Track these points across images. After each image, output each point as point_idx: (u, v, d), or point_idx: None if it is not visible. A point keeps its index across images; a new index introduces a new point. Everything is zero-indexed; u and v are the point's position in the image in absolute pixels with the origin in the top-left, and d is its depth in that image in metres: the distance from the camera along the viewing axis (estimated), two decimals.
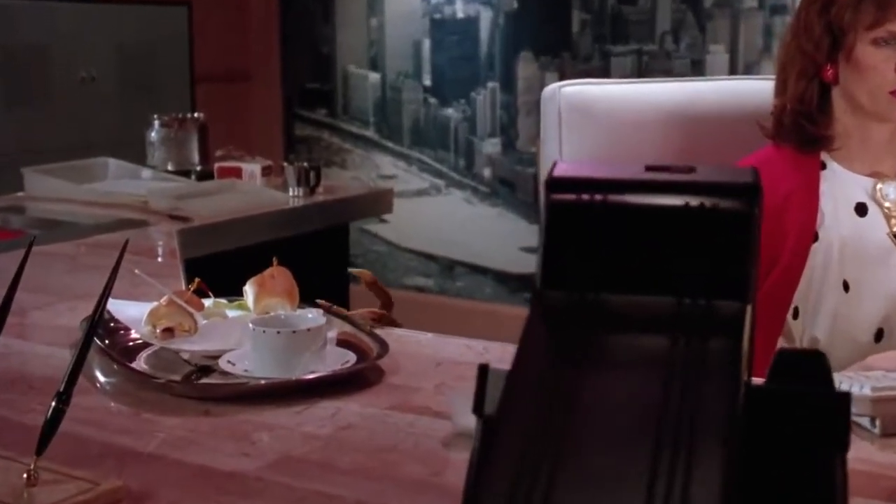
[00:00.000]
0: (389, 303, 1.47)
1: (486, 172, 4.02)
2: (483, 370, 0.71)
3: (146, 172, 2.78)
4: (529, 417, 0.62)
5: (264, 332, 1.21)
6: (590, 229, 0.69)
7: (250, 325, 1.22)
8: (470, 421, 1.07)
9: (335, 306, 1.43)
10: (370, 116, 4.25)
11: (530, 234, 3.88)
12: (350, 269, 1.42)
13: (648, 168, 0.80)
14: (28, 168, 2.66)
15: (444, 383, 1.23)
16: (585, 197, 0.71)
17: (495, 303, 3.99)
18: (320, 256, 2.57)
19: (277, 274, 1.42)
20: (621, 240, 0.69)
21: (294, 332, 1.21)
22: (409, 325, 1.49)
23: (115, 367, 1.25)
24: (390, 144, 4.22)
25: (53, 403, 0.95)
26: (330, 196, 2.66)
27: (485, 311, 3.93)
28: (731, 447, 0.59)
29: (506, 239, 3.97)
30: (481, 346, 1.38)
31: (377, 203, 2.88)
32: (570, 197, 0.71)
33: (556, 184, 0.76)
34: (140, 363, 1.27)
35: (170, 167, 2.86)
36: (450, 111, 4.10)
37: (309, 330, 1.22)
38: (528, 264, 3.90)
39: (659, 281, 0.67)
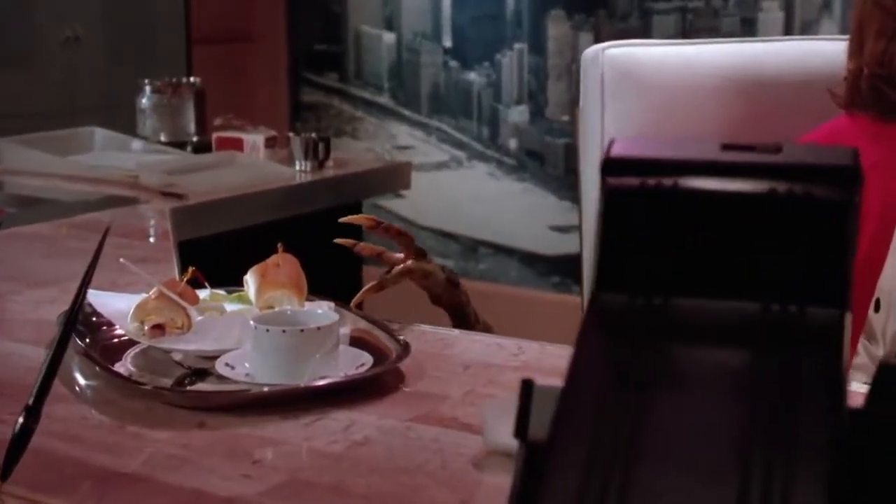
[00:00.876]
0: (411, 244, 1.42)
1: (513, 143, 4.01)
2: (527, 387, 0.66)
3: (136, 144, 2.77)
4: (588, 445, 0.57)
5: (268, 330, 1.17)
6: (656, 220, 0.64)
7: (252, 322, 1.18)
8: (505, 437, 1.02)
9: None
10: (385, 81, 4.23)
11: (561, 211, 3.88)
12: (338, 241, 1.41)
13: (725, 147, 0.74)
14: (3, 138, 2.64)
15: (473, 390, 1.19)
16: (651, 182, 0.66)
17: (522, 287, 4.01)
18: (330, 238, 2.50)
19: (283, 262, 1.37)
20: (694, 233, 0.64)
21: (302, 330, 1.17)
22: (427, 311, 1.47)
23: (97, 369, 1.21)
24: (407, 112, 4.21)
25: (21, 420, 0.89)
26: (341, 170, 2.65)
27: (510, 296, 3.93)
28: (834, 483, 0.54)
29: (534, 217, 3.97)
30: (515, 345, 1.34)
31: (394, 178, 2.87)
32: (632, 182, 0.66)
33: (614, 165, 0.71)
34: (126, 364, 1.24)
35: (162, 138, 2.85)
36: (472, 75, 4.07)
37: (319, 328, 1.17)
38: (558, 245, 3.89)
39: (740, 283, 0.63)
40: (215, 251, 2.07)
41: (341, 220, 1.41)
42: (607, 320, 0.65)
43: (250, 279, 1.37)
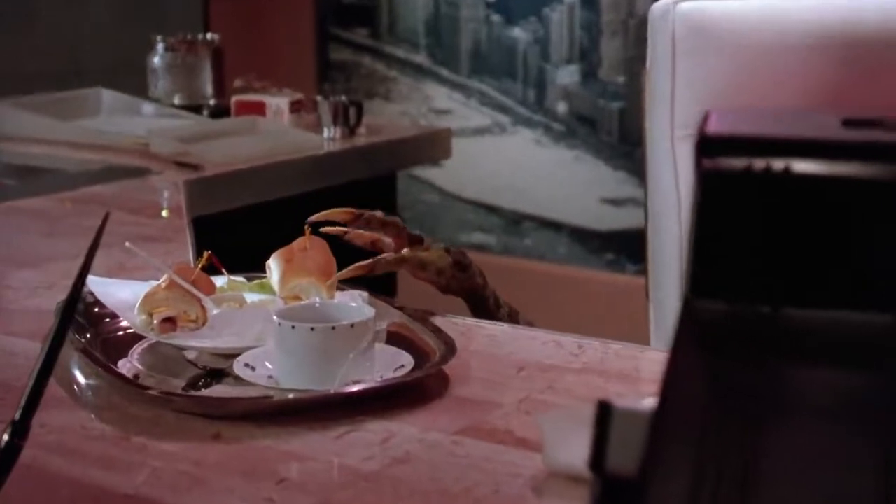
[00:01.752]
0: (402, 231, 1.38)
1: (561, 107, 3.97)
2: (604, 411, 0.65)
3: (147, 107, 2.76)
4: (689, 480, 0.54)
5: (293, 327, 1.13)
6: (764, 212, 0.60)
7: (275, 318, 1.14)
8: (570, 457, 0.96)
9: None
10: (421, 38, 4.19)
11: (614, 182, 3.85)
12: (325, 230, 1.36)
13: (847, 122, 0.69)
14: (2, 101, 2.64)
15: (529, 397, 1.15)
16: (758, 164, 0.61)
17: (571, 265, 3.97)
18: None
19: (311, 246, 1.34)
20: (810, 228, 0.60)
21: (333, 327, 1.13)
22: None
23: (98, 370, 1.18)
24: (445, 72, 4.17)
25: (6, 437, 0.84)
26: (374, 138, 2.63)
27: (558, 276, 3.92)
28: None
29: (584, 188, 3.92)
30: (574, 343, 1.30)
31: (432, 146, 2.84)
32: (735, 164, 0.61)
33: (712, 144, 0.67)
34: (132, 361, 1.22)
35: (176, 101, 2.84)
36: (517, 32, 4.02)
37: (353, 325, 1.13)
38: (612, 219, 3.88)
39: (866, 290, 0.59)
40: (234, 229, 2.08)
41: (311, 218, 1.36)
42: (705, 332, 0.62)
43: (273, 265, 1.34)
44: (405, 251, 1.37)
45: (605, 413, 0.67)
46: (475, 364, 1.22)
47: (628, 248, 3.77)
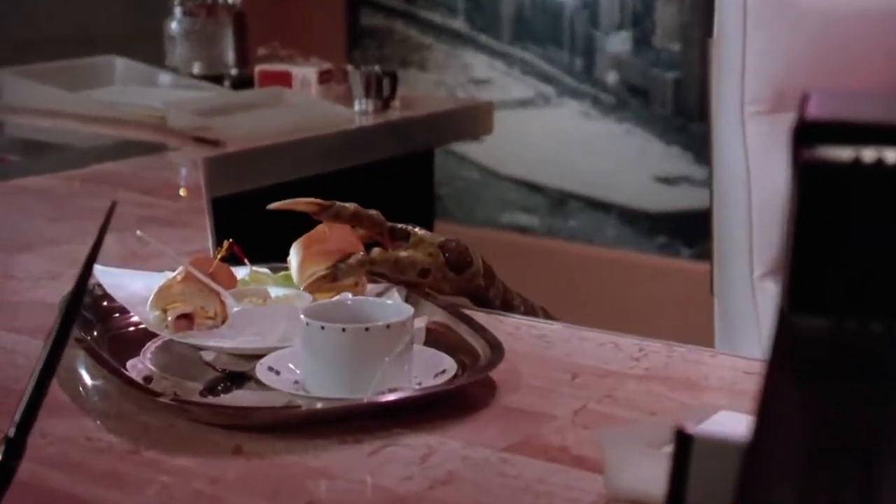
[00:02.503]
0: (377, 225, 1.34)
1: (611, 77, 3.97)
2: (684, 441, 0.63)
3: (164, 77, 2.77)
4: None
5: (323, 328, 1.11)
6: (875, 211, 0.56)
7: (303, 317, 1.12)
8: (634, 482, 0.92)
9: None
10: (459, 1, 4.19)
11: (668, 158, 3.85)
12: (273, 207, 1.33)
13: None
14: (5, 69, 2.65)
15: (586, 408, 1.12)
16: (869, 155, 0.57)
17: (621, 248, 3.97)
18: (396, 193, 2.55)
19: (332, 229, 1.33)
20: None
21: (367, 328, 1.11)
22: (507, 276, 1.43)
23: (105, 372, 1.16)
24: (484, 39, 4.17)
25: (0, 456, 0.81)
26: (409, 112, 2.63)
27: (606, 260, 3.91)
28: None
29: (636, 165, 3.92)
30: (634, 345, 1.27)
31: (472, 121, 2.84)
32: (842, 156, 0.57)
33: (814, 132, 0.60)
34: (144, 361, 1.21)
35: (196, 70, 2.85)
36: None
37: (389, 326, 1.11)
38: (665, 199, 3.88)
39: None
40: (257, 212, 2.04)
41: (271, 206, 1.32)
42: (805, 353, 0.58)
43: (293, 254, 1.32)
44: (375, 251, 1.32)
45: (685, 443, 0.63)
46: (525, 369, 1.20)
47: (683, 230, 3.76)
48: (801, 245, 0.60)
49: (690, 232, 3.73)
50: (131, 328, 1.27)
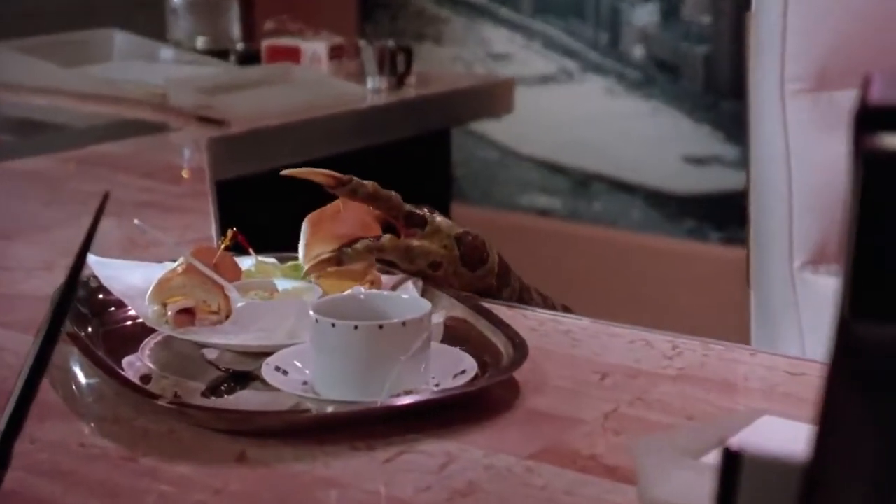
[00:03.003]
0: (394, 208, 1.32)
1: (638, 52, 3.97)
2: (733, 461, 0.59)
3: (166, 52, 2.81)
4: None
5: (333, 325, 1.09)
6: None
7: (312, 313, 1.11)
8: (670, 495, 0.91)
9: None
10: None
11: (697, 137, 3.84)
12: (287, 174, 1.31)
13: None
14: None
15: (617, 411, 1.10)
16: None
17: (646, 232, 3.97)
18: (411, 175, 2.56)
19: (346, 208, 1.33)
20: None
21: (381, 326, 1.09)
22: (527, 262, 1.43)
23: (100, 372, 1.15)
24: (504, 11, 4.17)
25: None
26: (425, 89, 2.66)
27: (631, 245, 3.91)
28: None
29: (663, 144, 3.92)
30: (667, 343, 1.25)
31: (492, 99, 2.87)
32: None
33: (878, 118, 0.57)
34: (142, 359, 1.21)
35: (199, 45, 2.87)
36: None
37: (405, 324, 1.09)
38: (694, 180, 3.88)
39: None
40: (264, 196, 2.09)
41: (285, 173, 1.29)
42: (872, 364, 0.56)
43: (302, 231, 1.33)
44: (386, 238, 1.30)
45: (732, 463, 0.61)
46: (550, 368, 1.18)
47: (713, 213, 3.75)
48: (864, 243, 0.58)
49: (721, 215, 3.73)
50: (129, 322, 1.27)
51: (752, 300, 1.70)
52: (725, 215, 3.68)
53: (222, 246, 1.29)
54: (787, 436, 0.93)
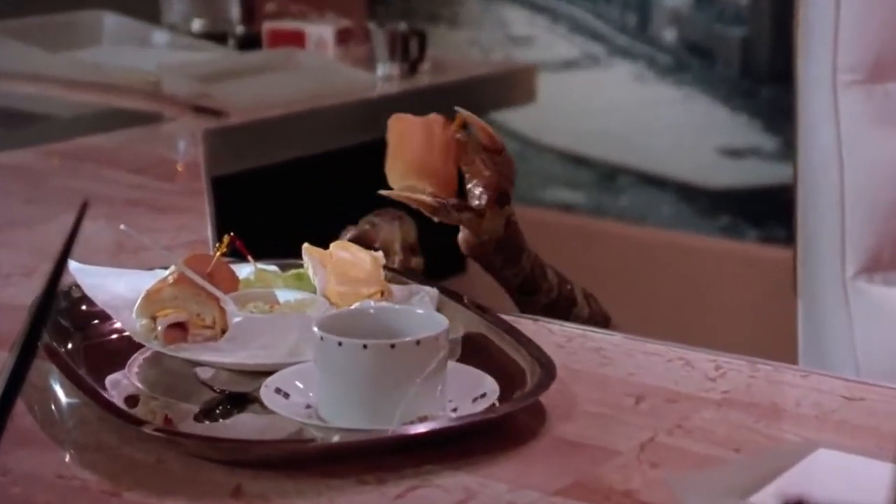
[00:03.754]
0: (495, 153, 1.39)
1: (669, 35, 3.97)
2: None
3: (159, 36, 2.81)
4: None
5: (340, 344, 1.08)
6: None
7: (317, 330, 1.09)
8: None
9: None
10: None
11: (734, 127, 3.83)
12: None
13: None
14: None
15: (654, 440, 1.08)
16: None
17: (677, 229, 3.96)
18: None
19: (434, 136, 1.38)
20: None
21: (393, 345, 1.08)
22: (548, 260, 1.45)
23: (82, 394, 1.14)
24: None
25: None
26: (440, 77, 2.66)
27: (662, 243, 3.90)
28: None
29: (696, 134, 3.91)
30: (710, 362, 1.23)
31: (512, 87, 2.88)
32: None
33: None
34: (129, 377, 1.21)
35: (195, 28, 2.89)
36: None
37: (419, 343, 1.08)
38: (729, 173, 3.87)
39: None
40: (265, 194, 2.02)
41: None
42: None
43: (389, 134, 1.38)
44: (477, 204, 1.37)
45: None
46: (580, 391, 1.17)
47: (750, 209, 3.74)
48: None
49: (759, 211, 3.73)
50: (114, 336, 1.26)
51: (800, 311, 1.68)
52: (764, 211, 3.68)
53: (218, 253, 1.28)
54: (847, 473, 0.90)
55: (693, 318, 3.68)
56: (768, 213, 3.64)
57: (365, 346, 1.07)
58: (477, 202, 1.36)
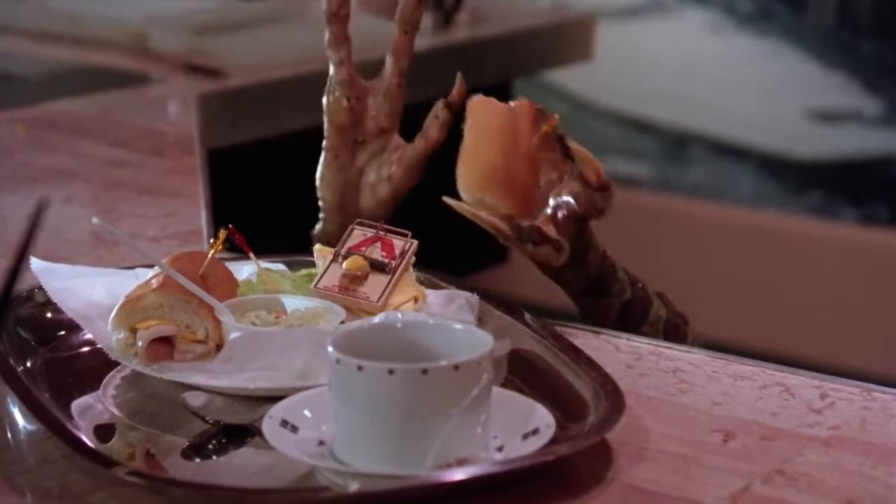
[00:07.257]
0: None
1: None
2: None
3: None
4: None
5: (360, 368, 1.04)
6: None
7: (331, 349, 1.06)
8: None
9: None
10: None
11: (827, 88, 3.86)
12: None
13: None
14: None
15: (749, 491, 1.06)
16: None
17: (759, 208, 3.99)
18: (461, 139, 2.54)
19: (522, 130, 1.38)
20: None
21: (425, 370, 1.04)
22: (606, 244, 1.45)
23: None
24: None
25: None
26: (479, 29, 2.68)
27: (741, 223, 3.92)
28: None
29: (783, 96, 3.93)
30: (814, 388, 1.21)
31: (564, 42, 2.91)
32: None
33: None
34: (104, 401, 1.19)
35: None
36: None
37: (457, 367, 1.04)
38: (822, 142, 3.88)
39: None
40: (269, 169, 2.02)
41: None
42: None
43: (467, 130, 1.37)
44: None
45: None
46: (654, 425, 1.15)
47: (847, 185, 3.77)
48: None
49: (857, 187, 3.75)
50: (85, 349, 1.26)
51: None
52: (864, 187, 3.68)
53: (212, 250, 1.26)
54: None
55: (780, 317, 3.65)
56: (869, 189, 3.64)
57: (391, 372, 1.04)
58: (551, 211, 1.34)
